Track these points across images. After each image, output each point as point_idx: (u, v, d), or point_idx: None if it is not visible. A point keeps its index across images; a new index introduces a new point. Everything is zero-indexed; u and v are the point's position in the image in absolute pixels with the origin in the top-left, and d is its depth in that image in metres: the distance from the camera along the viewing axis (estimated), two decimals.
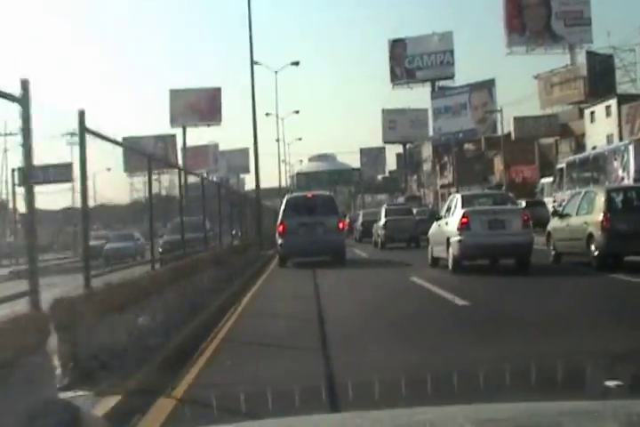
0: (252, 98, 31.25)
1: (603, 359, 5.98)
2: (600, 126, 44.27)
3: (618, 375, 5.37)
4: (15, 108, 4.81)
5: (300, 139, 76.31)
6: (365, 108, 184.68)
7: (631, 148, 24.88)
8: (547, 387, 4.88)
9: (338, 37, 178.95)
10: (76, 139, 6.38)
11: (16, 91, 4.83)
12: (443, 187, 71.19)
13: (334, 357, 6.73)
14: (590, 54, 54.42)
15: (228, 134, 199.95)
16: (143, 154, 11.06)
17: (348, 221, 37.53)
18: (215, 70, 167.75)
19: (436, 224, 16.89)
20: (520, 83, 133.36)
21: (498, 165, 58.01)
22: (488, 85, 66.92)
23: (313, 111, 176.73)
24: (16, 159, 5.42)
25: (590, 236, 14.22)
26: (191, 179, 19.17)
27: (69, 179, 43.26)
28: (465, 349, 6.78)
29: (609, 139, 42.52)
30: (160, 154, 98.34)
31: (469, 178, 61.10)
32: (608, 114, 44.02)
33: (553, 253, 16.35)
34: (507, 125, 53.06)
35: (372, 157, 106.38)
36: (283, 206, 19.57)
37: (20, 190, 41.31)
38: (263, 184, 46.28)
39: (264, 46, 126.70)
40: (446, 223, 15.68)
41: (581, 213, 15.07)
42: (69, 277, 9.97)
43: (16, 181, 49.22)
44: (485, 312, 9.66)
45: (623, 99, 44.06)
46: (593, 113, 45.66)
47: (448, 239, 14.97)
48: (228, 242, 18.18)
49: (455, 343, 7.23)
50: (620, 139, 39.02)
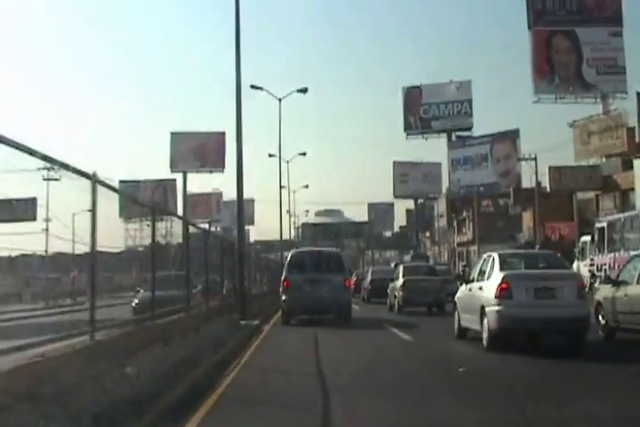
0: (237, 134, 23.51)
1: None
2: None
3: None
4: None
5: (307, 186, 69.83)
6: (376, 159, 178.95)
7: None
8: None
9: (351, 82, 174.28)
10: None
11: None
12: (460, 245, 65.14)
13: None
14: None
15: (231, 180, 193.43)
16: (142, 204, 11.43)
17: (354, 278, 35.14)
18: (220, 113, 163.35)
19: (464, 288, 14.55)
20: (546, 133, 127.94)
21: (527, 221, 51.93)
22: (512, 136, 61.39)
23: (321, 159, 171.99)
24: None
25: None
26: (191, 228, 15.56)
27: (33, 217, 36.90)
28: None
29: None
30: (159, 200, 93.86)
31: (491, 235, 55.04)
32: None
33: (604, 328, 14.15)
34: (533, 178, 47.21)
35: (381, 212, 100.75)
36: (287, 261, 19.15)
37: None
38: (267, 236, 41.43)
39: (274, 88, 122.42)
40: (480, 288, 13.27)
41: None
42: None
43: None
44: None
45: None
46: None
47: (483, 308, 12.71)
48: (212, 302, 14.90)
49: None
50: None
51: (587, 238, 28.24)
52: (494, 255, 13.51)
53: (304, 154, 54.45)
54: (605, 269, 23.19)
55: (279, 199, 43.74)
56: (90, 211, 6.61)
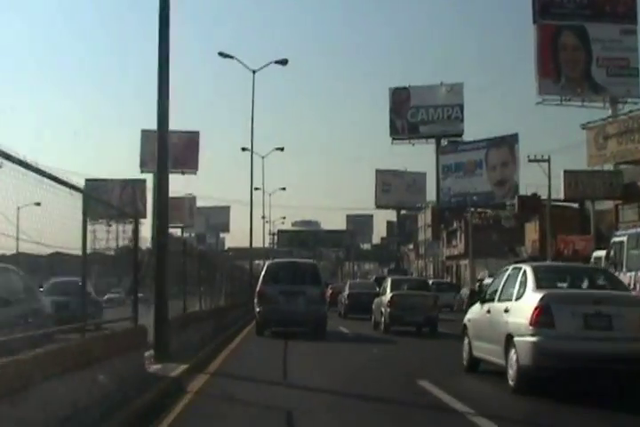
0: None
1: None
2: None
3: None
4: None
5: (284, 188, 63.57)
6: (359, 164, 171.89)
7: None
8: None
9: (334, 82, 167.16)
10: None
11: None
12: (450, 258, 59.11)
13: None
14: None
15: (207, 184, 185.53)
16: (105, 202, 10.70)
17: (330, 291, 32.89)
18: (195, 112, 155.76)
19: (479, 307, 10.99)
20: (547, 138, 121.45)
21: (531, 233, 45.99)
22: (510, 141, 55.60)
23: (299, 162, 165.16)
24: None
25: None
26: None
27: None
28: None
29: None
30: (127, 200, 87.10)
31: (485, 249, 49.07)
32: None
33: None
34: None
35: (360, 223, 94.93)
36: (263, 272, 18.76)
37: None
38: (243, 243, 37.28)
39: None
40: (506, 310, 9.75)
41: None
42: None
43: None
44: None
45: None
46: None
47: (509, 338, 9.31)
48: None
49: None
50: None
51: (600, 254, 22.65)
52: (526, 268, 10.15)
53: (281, 149, 48.31)
54: None
55: (250, 201, 37.20)
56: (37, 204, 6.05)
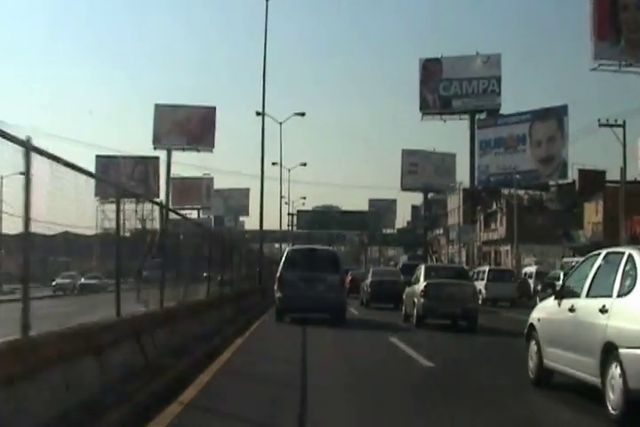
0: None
1: None
2: None
3: None
4: None
5: (305, 164, 57.21)
6: (386, 141, 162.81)
7: None
8: None
9: (360, 53, 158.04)
10: None
11: None
12: (488, 243, 52.96)
13: None
14: None
15: (219, 161, 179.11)
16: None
17: (350, 278, 31.91)
18: (210, 86, 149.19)
19: (554, 304, 8.46)
20: (599, 111, 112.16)
21: (591, 214, 39.77)
22: (558, 113, 49.21)
23: (321, 136, 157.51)
24: None
25: None
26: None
27: None
28: None
29: None
30: (139, 178, 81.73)
31: (530, 233, 42.85)
32: None
33: None
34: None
35: (382, 209, 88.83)
36: (283, 258, 18.78)
37: None
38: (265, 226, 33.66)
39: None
40: (603, 310, 7.13)
41: None
42: None
43: None
44: None
45: None
46: None
47: (610, 347, 6.80)
48: None
49: None
50: None
51: None
52: (633, 253, 7.12)
53: (302, 114, 42.39)
54: None
55: (260, 173, 31.07)
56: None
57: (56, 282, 15.12)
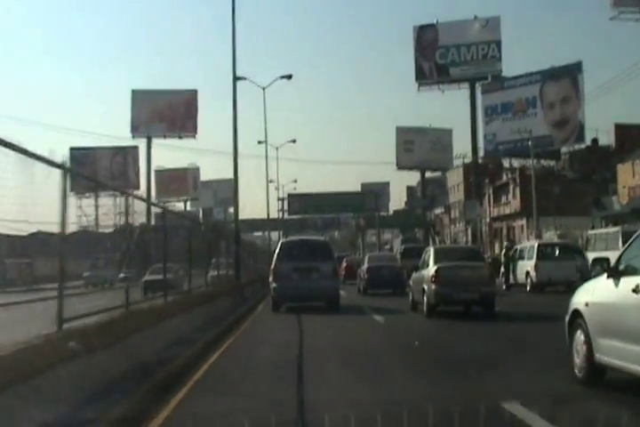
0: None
1: None
2: None
3: None
4: None
5: (294, 141, 51.49)
6: (380, 117, 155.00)
7: None
8: None
9: (351, 20, 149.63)
10: None
11: None
12: (499, 219, 47.74)
13: None
14: None
15: (203, 147, 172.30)
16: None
17: (344, 264, 33.25)
18: (191, 70, 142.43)
19: (610, 285, 6.95)
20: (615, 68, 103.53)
21: (625, 177, 34.46)
22: (571, 72, 43.75)
23: (308, 113, 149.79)
24: None
25: None
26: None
27: None
28: None
29: None
30: (118, 170, 76.24)
31: (548, 205, 37.71)
32: None
33: None
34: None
35: (375, 192, 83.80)
36: (277, 250, 19.17)
37: None
38: (251, 215, 32.01)
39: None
40: None
41: None
42: None
43: None
44: None
45: None
46: None
47: None
48: None
49: None
50: None
51: None
52: None
53: (288, 77, 36.77)
54: None
55: (233, 145, 24.71)
56: None
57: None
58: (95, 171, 65.66)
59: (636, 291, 6.25)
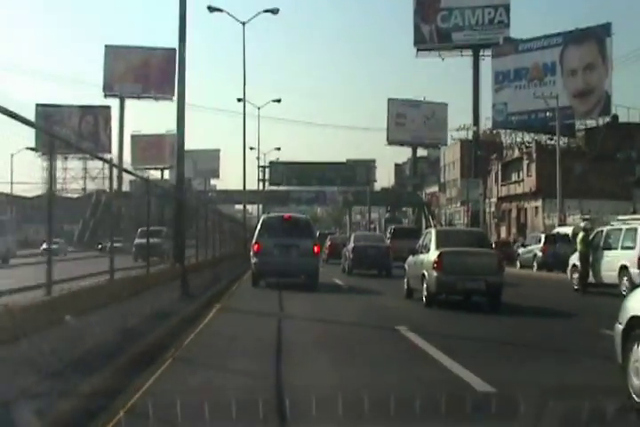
0: None
1: None
2: None
3: None
4: None
5: (279, 100, 44.97)
6: (372, 84, 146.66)
7: None
8: None
9: None
10: None
11: None
12: (508, 199, 42.21)
13: None
14: None
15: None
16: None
17: (329, 243, 32.62)
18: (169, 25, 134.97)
19: None
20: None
21: None
22: (598, 35, 37.96)
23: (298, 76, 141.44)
24: None
25: None
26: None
27: None
28: None
29: None
30: (88, 131, 69.90)
31: (568, 185, 32.24)
32: None
33: None
34: None
35: (361, 169, 78.16)
36: (259, 226, 19.17)
37: None
38: (232, 186, 29.94)
39: None
40: None
41: None
42: None
43: None
44: None
45: None
46: None
47: None
48: None
49: None
50: None
51: None
52: None
53: (274, 11, 30.52)
54: None
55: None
56: None
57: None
58: (63, 130, 59.77)
59: None
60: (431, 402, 4.99)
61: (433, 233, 15.24)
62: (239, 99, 38.64)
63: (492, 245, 17.72)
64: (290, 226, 18.76)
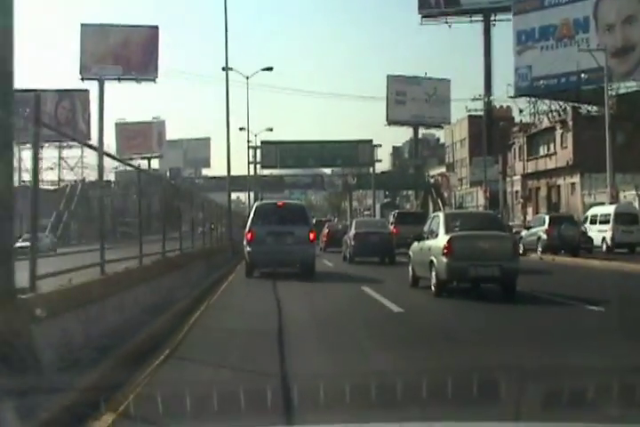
0: None
1: None
2: None
3: None
4: None
5: (271, 68, 38.98)
6: (372, 54, 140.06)
7: None
8: None
9: None
10: None
11: None
12: (535, 176, 36.88)
13: None
14: None
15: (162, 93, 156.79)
16: None
17: (326, 231, 31.91)
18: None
19: None
20: None
21: None
22: None
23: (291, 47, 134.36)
24: None
25: None
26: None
27: None
28: None
29: None
30: (65, 117, 64.60)
31: (602, 159, 27.15)
32: None
33: None
34: None
35: (364, 147, 73.21)
36: (252, 214, 18.82)
37: None
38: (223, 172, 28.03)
39: None
40: None
41: None
42: None
43: None
44: None
45: None
46: None
47: None
48: None
49: None
50: None
51: None
52: None
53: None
54: None
55: None
56: None
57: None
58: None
59: None
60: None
61: (441, 216, 14.84)
62: (224, 68, 32.92)
63: (510, 228, 16.85)
64: (284, 213, 18.49)
